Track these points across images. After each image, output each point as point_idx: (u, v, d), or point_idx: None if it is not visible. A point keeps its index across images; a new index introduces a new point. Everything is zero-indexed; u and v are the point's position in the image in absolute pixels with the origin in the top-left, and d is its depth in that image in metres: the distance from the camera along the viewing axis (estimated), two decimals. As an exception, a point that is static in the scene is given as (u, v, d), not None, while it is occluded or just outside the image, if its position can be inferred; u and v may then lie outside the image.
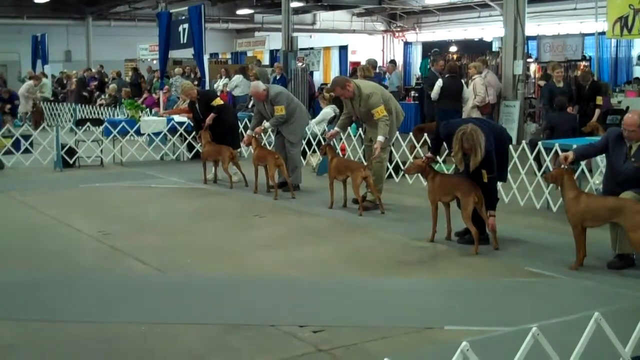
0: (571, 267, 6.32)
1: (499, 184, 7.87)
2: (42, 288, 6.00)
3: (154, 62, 23.84)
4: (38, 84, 21.79)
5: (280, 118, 10.16)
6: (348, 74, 20.42)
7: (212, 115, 11.13)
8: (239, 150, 11.99)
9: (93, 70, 25.80)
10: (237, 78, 19.86)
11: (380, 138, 8.70)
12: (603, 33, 15.97)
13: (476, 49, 22.80)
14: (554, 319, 4.97)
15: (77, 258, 6.95)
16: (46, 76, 23.98)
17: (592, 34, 18.07)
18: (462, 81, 14.16)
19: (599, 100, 12.57)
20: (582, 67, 13.24)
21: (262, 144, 10.86)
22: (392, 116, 9.02)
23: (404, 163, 11.07)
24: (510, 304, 5.53)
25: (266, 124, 10.32)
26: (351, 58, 27.93)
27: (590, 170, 9.04)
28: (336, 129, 9.54)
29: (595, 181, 8.64)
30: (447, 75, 13.63)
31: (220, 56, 29.81)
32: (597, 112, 12.46)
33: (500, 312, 5.31)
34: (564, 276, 6.15)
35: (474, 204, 6.90)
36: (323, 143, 10.47)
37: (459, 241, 7.31)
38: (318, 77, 25.34)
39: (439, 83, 13.44)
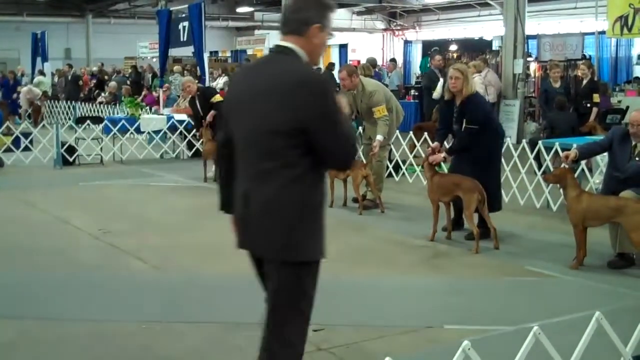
0: (571, 266, 6.32)
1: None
2: (42, 286, 6.00)
3: (154, 60, 23.79)
4: None
5: None
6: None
7: (212, 112, 11.14)
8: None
9: (94, 68, 25.75)
10: None
11: (379, 137, 8.70)
12: (603, 32, 15.96)
13: (476, 48, 22.80)
14: (554, 318, 4.97)
15: (76, 256, 6.95)
16: (44, 74, 23.88)
17: (592, 33, 18.06)
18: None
19: (596, 97, 12.29)
20: (580, 67, 13.11)
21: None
22: (393, 115, 9.04)
23: (403, 162, 11.08)
24: (511, 303, 5.53)
25: None
26: (351, 56, 27.94)
27: (590, 170, 9.03)
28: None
29: (596, 180, 8.64)
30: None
31: (220, 54, 29.80)
32: (595, 110, 12.18)
33: (501, 311, 5.31)
34: (565, 275, 6.16)
35: (477, 202, 6.89)
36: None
37: (467, 237, 7.30)
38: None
39: (441, 82, 13.42)
